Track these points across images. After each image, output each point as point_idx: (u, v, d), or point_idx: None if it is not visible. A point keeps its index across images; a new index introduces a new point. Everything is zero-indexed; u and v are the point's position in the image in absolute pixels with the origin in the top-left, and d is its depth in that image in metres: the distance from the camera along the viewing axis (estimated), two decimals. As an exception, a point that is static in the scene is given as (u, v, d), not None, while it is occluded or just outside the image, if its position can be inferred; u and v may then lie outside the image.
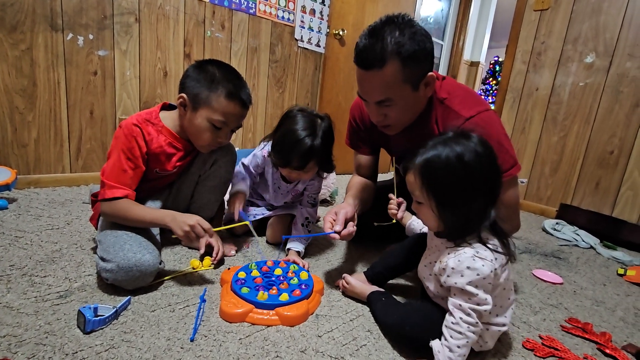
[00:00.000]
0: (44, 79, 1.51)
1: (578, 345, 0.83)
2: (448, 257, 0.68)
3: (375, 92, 0.88)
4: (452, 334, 0.64)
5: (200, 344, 0.68)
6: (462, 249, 0.67)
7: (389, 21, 0.85)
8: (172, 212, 0.90)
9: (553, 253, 1.51)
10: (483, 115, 0.90)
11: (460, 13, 3.78)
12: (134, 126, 0.92)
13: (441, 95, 0.96)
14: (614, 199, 1.93)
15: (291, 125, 1.01)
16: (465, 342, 0.64)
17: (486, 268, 0.63)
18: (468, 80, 4.12)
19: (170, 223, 0.87)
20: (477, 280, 0.63)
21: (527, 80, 2.28)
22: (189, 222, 0.86)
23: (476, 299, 0.64)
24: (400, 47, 0.81)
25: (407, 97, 0.89)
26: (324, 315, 0.84)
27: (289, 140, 1.00)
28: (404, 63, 0.82)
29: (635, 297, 1.16)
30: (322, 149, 1.01)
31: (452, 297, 0.66)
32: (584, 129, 2.03)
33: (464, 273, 0.64)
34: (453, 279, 0.65)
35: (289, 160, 1.02)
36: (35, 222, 1.18)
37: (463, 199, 0.65)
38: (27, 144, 1.52)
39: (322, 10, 2.48)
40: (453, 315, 0.65)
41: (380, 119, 0.94)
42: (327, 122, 1.05)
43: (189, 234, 0.86)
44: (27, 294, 0.77)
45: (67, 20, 1.52)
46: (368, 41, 0.84)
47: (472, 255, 0.65)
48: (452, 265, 0.66)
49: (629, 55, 1.86)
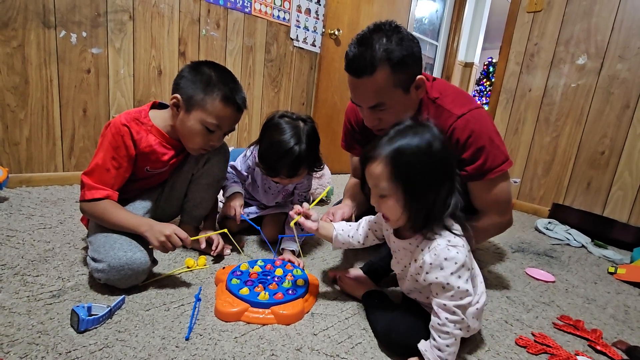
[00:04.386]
0: (36, 76, 1.49)
1: (570, 342, 0.85)
2: (422, 254, 0.67)
3: (368, 98, 0.91)
4: (439, 335, 0.64)
5: (195, 343, 0.68)
6: (434, 241, 0.66)
7: (377, 29, 0.87)
8: (149, 221, 0.86)
9: (545, 252, 1.53)
10: (474, 112, 0.92)
11: (454, 14, 3.81)
12: (122, 126, 0.89)
13: (433, 95, 0.98)
14: (604, 198, 1.96)
15: (276, 134, 1.00)
16: (453, 340, 0.64)
17: (461, 255, 0.64)
18: (462, 81, 4.15)
19: (146, 232, 0.84)
20: (457, 269, 0.63)
21: (520, 81, 2.30)
22: (165, 231, 0.83)
23: (459, 292, 0.63)
24: (389, 54, 0.84)
25: (399, 101, 0.91)
26: (320, 313, 0.84)
27: (276, 151, 0.99)
28: (393, 68, 0.85)
29: (625, 295, 1.18)
30: (309, 153, 1.01)
31: (435, 297, 0.65)
32: (576, 130, 2.06)
33: (442, 265, 0.63)
34: (433, 274, 0.64)
35: (278, 170, 1.01)
36: (27, 221, 1.16)
37: (431, 188, 0.64)
38: (18, 142, 1.50)
39: (318, 10, 2.48)
40: (439, 317, 0.64)
41: (374, 123, 0.96)
42: (310, 123, 1.05)
43: (165, 244, 0.82)
44: (19, 294, 0.77)
45: (60, 17, 1.50)
46: (357, 49, 0.86)
47: (446, 245, 0.65)
48: (430, 260, 0.65)
49: (620, 57, 1.89)
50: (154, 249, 0.85)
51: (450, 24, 3.83)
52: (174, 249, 0.85)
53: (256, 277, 0.90)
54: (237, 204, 1.08)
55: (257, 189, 1.25)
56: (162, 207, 1.10)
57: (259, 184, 1.23)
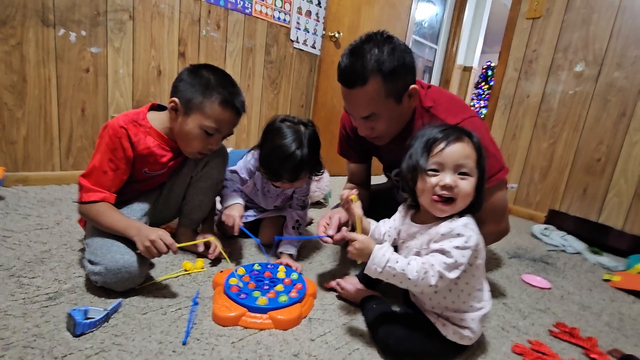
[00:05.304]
0: (34, 75, 1.48)
1: (565, 350, 0.85)
2: (439, 227, 0.69)
3: (360, 108, 0.91)
4: (416, 268, 0.65)
5: (192, 348, 0.68)
6: (454, 221, 0.69)
7: (368, 39, 0.87)
8: (138, 225, 0.85)
9: (541, 258, 1.54)
10: (468, 122, 0.92)
11: (454, 18, 3.82)
12: (120, 128, 0.89)
13: (427, 104, 0.98)
14: (600, 205, 1.97)
15: (277, 139, 1.00)
16: (415, 276, 0.64)
17: (473, 239, 0.67)
18: (461, 84, 4.16)
19: (134, 236, 0.82)
20: (464, 247, 0.66)
21: (518, 87, 2.32)
22: (150, 236, 0.81)
23: (452, 262, 0.65)
24: (381, 65, 0.84)
25: (392, 111, 0.91)
26: (317, 318, 0.84)
27: (278, 156, 0.99)
28: (385, 79, 0.85)
29: (620, 302, 1.19)
30: (310, 157, 1.02)
31: (429, 255, 0.68)
32: (573, 137, 2.08)
33: (452, 238, 0.66)
34: (440, 244, 0.67)
35: (280, 175, 1.02)
36: (23, 221, 1.15)
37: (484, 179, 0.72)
38: (15, 141, 1.49)
39: (318, 12, 2.49)
40: (423, 263, 0.66)
41: (367, 132, 0.97)
42: (311, 128, 1.05)
43: (150, 249, 0.81)
44: (14, 296, 0.76)
45: (59, 15, 1.49)
46: (349, 60, 0.87)
47: (465, 223, 0.68)
48: (443, 231, 0.68)
49: (617, 65, 1.91)
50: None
51: (450, 27, 3.85)
52: (160, 255, 0.82)
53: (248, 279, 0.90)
54: (237, 215, 1.06)
55: (256, 192, 1.25)
56: (160, 210, 1.10)
57: (258, 188, 1.23)
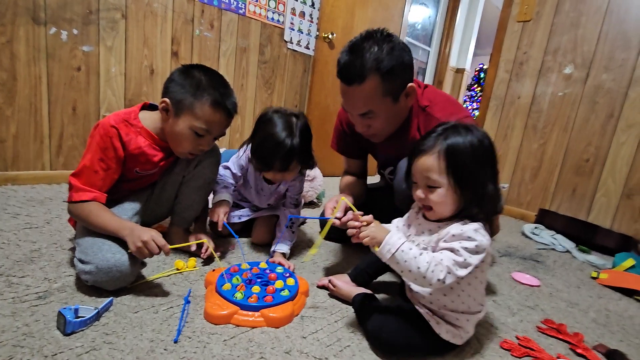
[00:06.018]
0: (24, 73, 1.46)
1: (552, 346, 0.87)
2: (450, 228, 0.68)
3: (358, 106, 0.92)
4: (427, 259, 0.65)
5: (184, 346, 0.68)
6: (465, 225, 0.68)
7: (368, 36, 0.88)
8: (131, 225, 0.85)
9: (531, 256, 1.56)
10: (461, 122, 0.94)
11: (447, 20, 3.86)
12: (111, 127, 0.88)
13: (423, 103, 0.99)
14: (589, 204, 2.01)
15: (269, 128, 1.01)
16: (426, 267, 0.64)
17: (484, 243, 0.66)
18: (453, 86, 4.21)
19: (126, 237, 0.82)
20: (474, 250, 0.65)
21: (509, 88, 2.35)
22: (143, 237, 0.80)
23: (461, 260, 0.64)
24: (379, 63, 0.85)
25: (389, 109, 0.92)
26: (309, 316, 0.84)
27: (269, 145, 1.00)
28: (383, 78, 0.86)
29: (607, 299, 1.21)
30: (301, 147, 1.02)
31: (438, 252, 0.67)
32: (562, 137, 2.11)
33: (462, 241, 0.66)
34: (449, 244, 0.66)
35: (271, 164, 1.02)
36: (12, 220, 1.14)
37: (481, 180, 0.68)
38: (5, 140, 1.47)
39: (312, 13, 2.50)
40: (434, 257, 0.66)
41: (364, 129, 0.98)
42: (303, 119, 1.06)
43: (142, 249, 0.80)
44: (4, 295, 0.75)
45: (51, 13, 1.48)
46: (348, 57, 0.87)
47: (477, 228, 0.67)
48: (454, 232, 0.67)
49: (605, 67, 1.95)
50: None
51: (443, 30, 3.89)
52: (151, 256, 0.82)
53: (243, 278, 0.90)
54: (222, 212, 1.06)
55: (249, 189, 1.25)
56: (151, 209, 1.09)
57: (251, 185, 1.23)
